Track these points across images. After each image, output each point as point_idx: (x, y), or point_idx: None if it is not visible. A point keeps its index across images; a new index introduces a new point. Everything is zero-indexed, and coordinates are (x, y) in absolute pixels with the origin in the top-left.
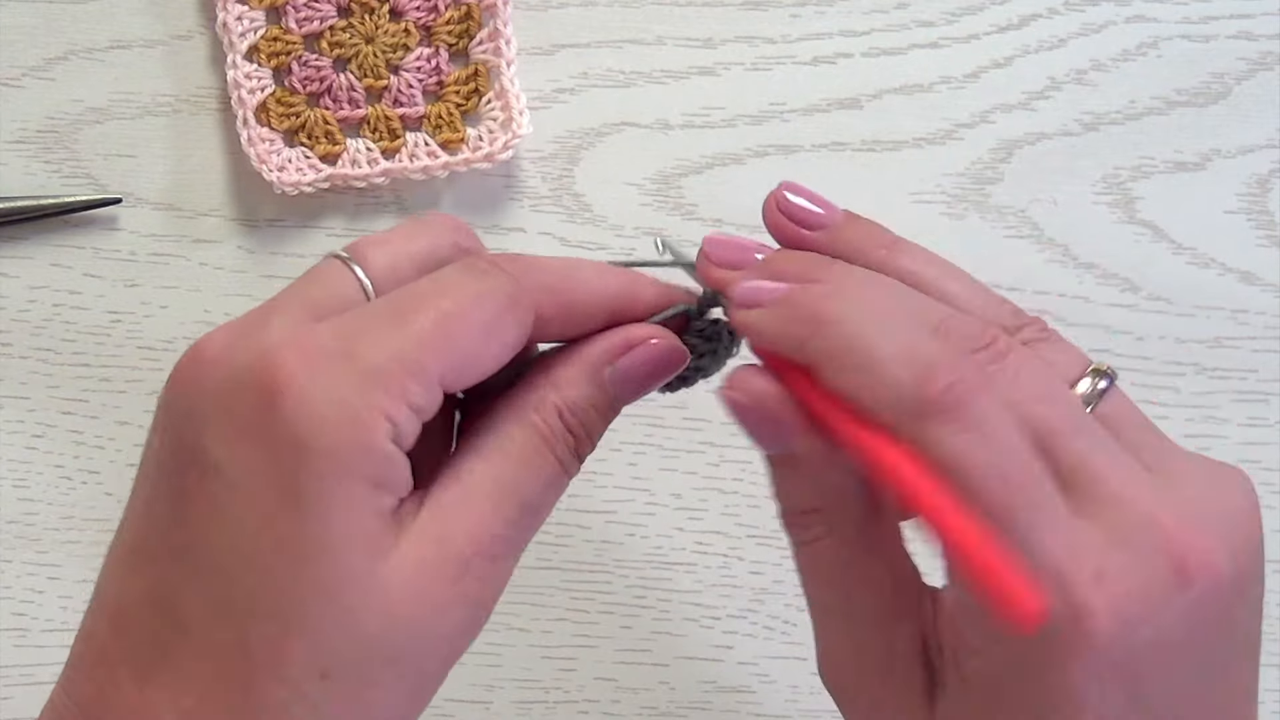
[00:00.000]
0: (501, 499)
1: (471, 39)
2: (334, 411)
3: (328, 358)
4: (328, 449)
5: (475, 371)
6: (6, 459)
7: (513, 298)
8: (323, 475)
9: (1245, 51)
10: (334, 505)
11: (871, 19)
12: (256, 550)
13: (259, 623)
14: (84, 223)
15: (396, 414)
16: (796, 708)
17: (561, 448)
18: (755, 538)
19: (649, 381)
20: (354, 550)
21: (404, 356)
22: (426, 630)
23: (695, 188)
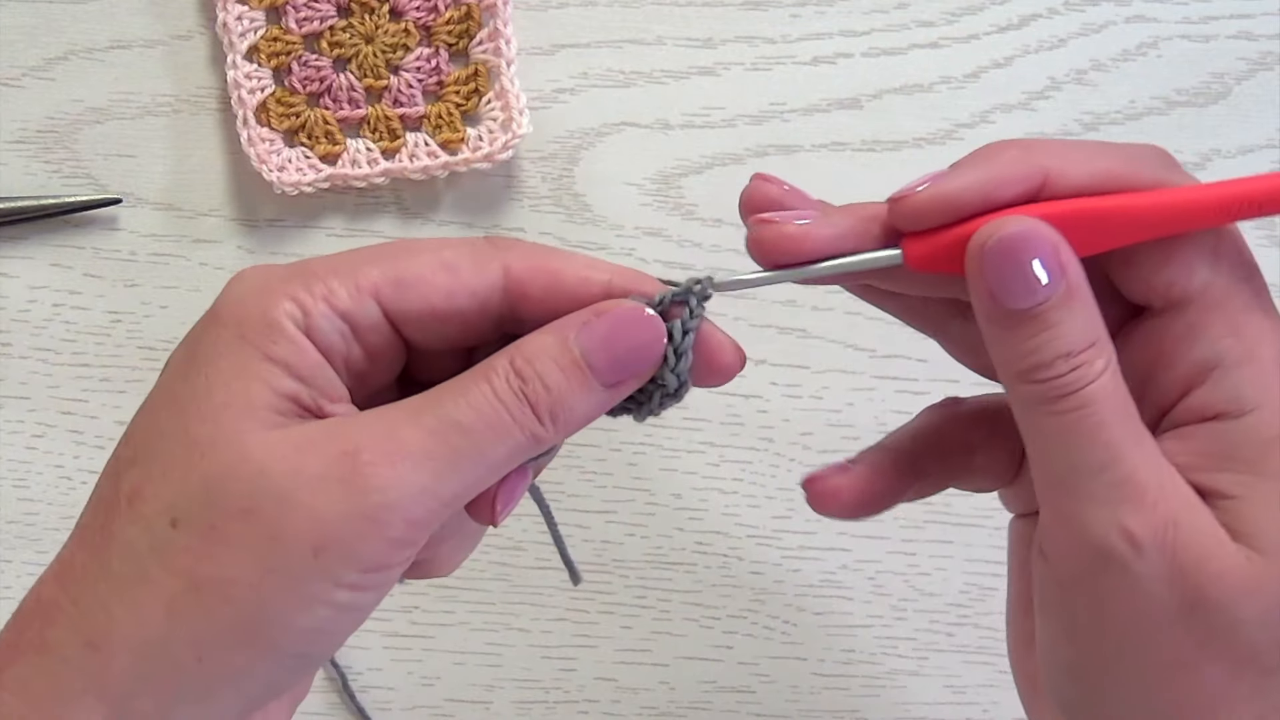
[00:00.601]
0: (423, 414)
1: (471, 39)
2: (249, 290)
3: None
4: (227, 316)
5: (420, 297)
6: (6, 459)
7: (477, 244)
8: (216, 337)
9: (1245, 51)
10: (216, 361)
11: (871, 19)
12: (149, 406)
13: (129, 467)
14: (84, 223)
15: (306, 301)
16: (796, 708)
17: (503, 386)
18: (755, 538)
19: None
20: (226, 404)
21: (337, 262)
22: (291, 498)
23: (695, 188)
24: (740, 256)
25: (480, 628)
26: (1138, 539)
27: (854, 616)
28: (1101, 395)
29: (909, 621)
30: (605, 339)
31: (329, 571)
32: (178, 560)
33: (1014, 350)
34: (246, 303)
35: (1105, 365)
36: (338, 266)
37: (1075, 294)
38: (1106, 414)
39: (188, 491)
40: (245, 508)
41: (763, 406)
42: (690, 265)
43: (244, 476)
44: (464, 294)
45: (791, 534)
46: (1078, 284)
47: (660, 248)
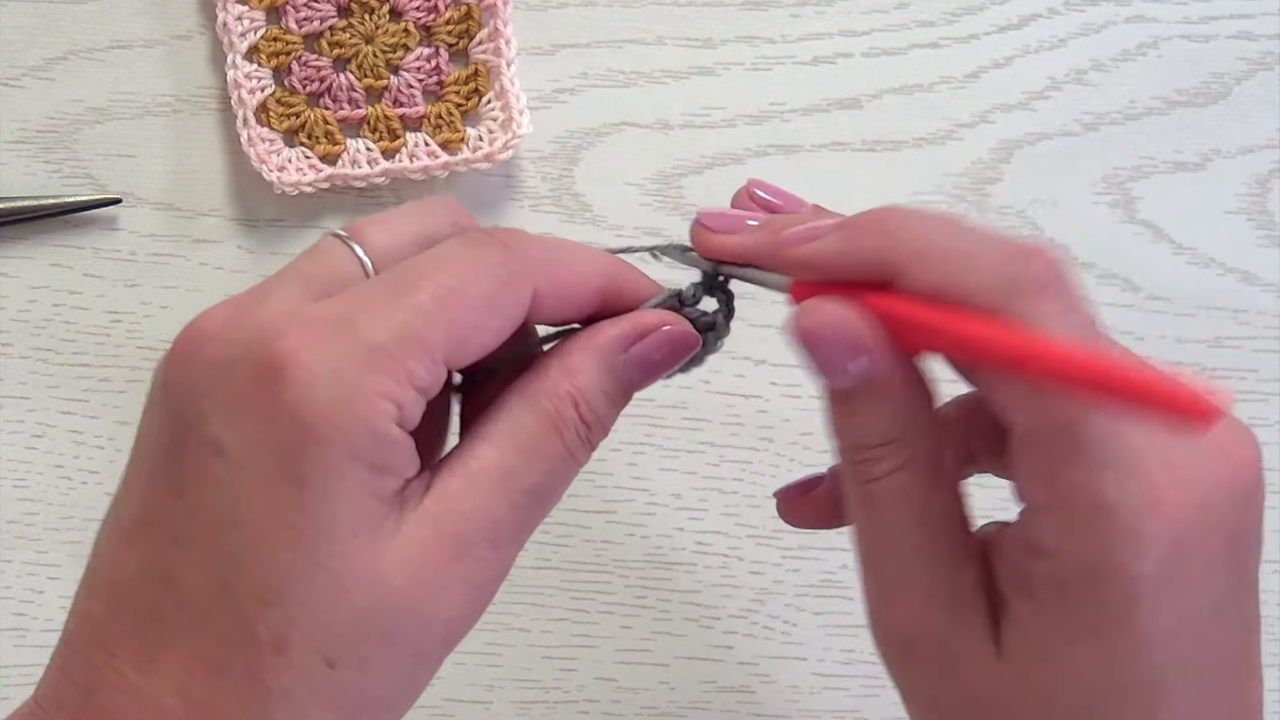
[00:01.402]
0: (508, 483)
1: (471, 39)
2: (337, 392)
3: (329, 334)
4: (330, 431)
5: (477, 346)
6: (6, 459)
7: (512, 270)
8: (325, 458)
9: (1245, 51)
10: (335, 489)
11: (871, 19)
12: (258, 532)
13: (262, 607)
14: (84, 223)
15: (400, 395)
16: (796, 708)
17: (572, 434)
18: (755, 538)
19: (662, 367)
20: (354, 534)
21: (406, 333)
22: (424, 611)
23: (695, 188)
24: None
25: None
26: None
27: (854, 616)
28: (881, 494)
29: None
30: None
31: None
32: (336, 698)
33: (829, 421)
34: (344, 414)
35: (894, 467)
36: (404, 338)
37: (874, 392)
38: (883, 513)
39: (340, 632)
40: (391, 635)
41: (763, 406)
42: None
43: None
44: (507, 326)
45: (791, 534)
46: (881, 383)
47: None
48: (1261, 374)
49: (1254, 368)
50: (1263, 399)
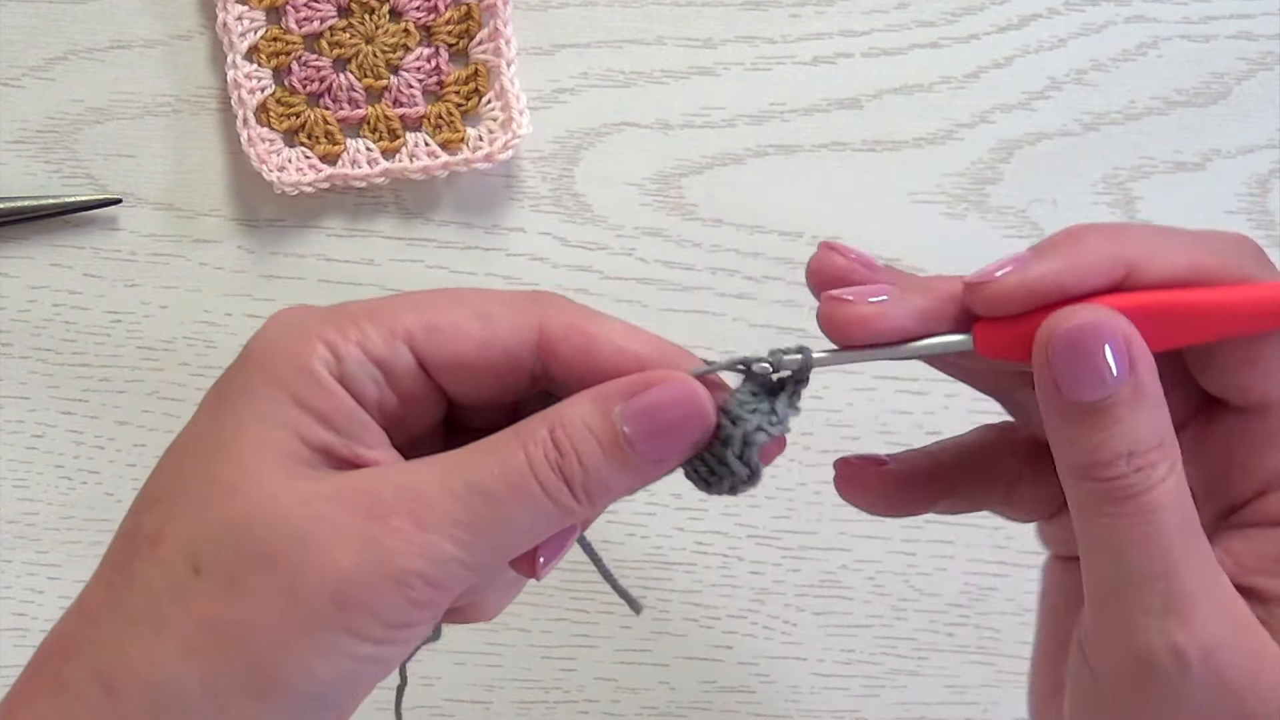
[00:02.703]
0: (449, 469)
1: (471, 39)
2: (282, 333)
3: (313, 309)
4: (259, 359)
5: (454, 345)
6: (6, 459)
7: (516, 297)
8: (245, 378)
9: (1245, 51)
10: (246, 405)
11: (871, 19)
12: (178, 446)
13: (151, 507)
14: (84, 223)
15: (339, 345)
16: (796, 708)
17: (537, 451)
18: (755, 538)
19: (666, 427)
20: (254, 451)
21: (373, 306)
22: (313, 548)
23: (695, 188)
24: (740, 257)
25: (480, 628)
26: (1186, 656)
27: (854, 616)
28: (1163, 501)
29: (909, 621)
30: (650, 413)
31: (349, 625)
32: (196, 605)
33: (1075, 445)
34: (279, 345)
35: (1169, 469)
36: (373, 311)
37: (1144, 392)
38: (1166, 522)
39: (210, 536)
40: (267, 555)
41: None
42: (690, 265)
43: (269, 524)
44: (497, 346)
45: (791, 534)
46: (1147, 382)
47: (660, 248)
48: None
49: None
50: None
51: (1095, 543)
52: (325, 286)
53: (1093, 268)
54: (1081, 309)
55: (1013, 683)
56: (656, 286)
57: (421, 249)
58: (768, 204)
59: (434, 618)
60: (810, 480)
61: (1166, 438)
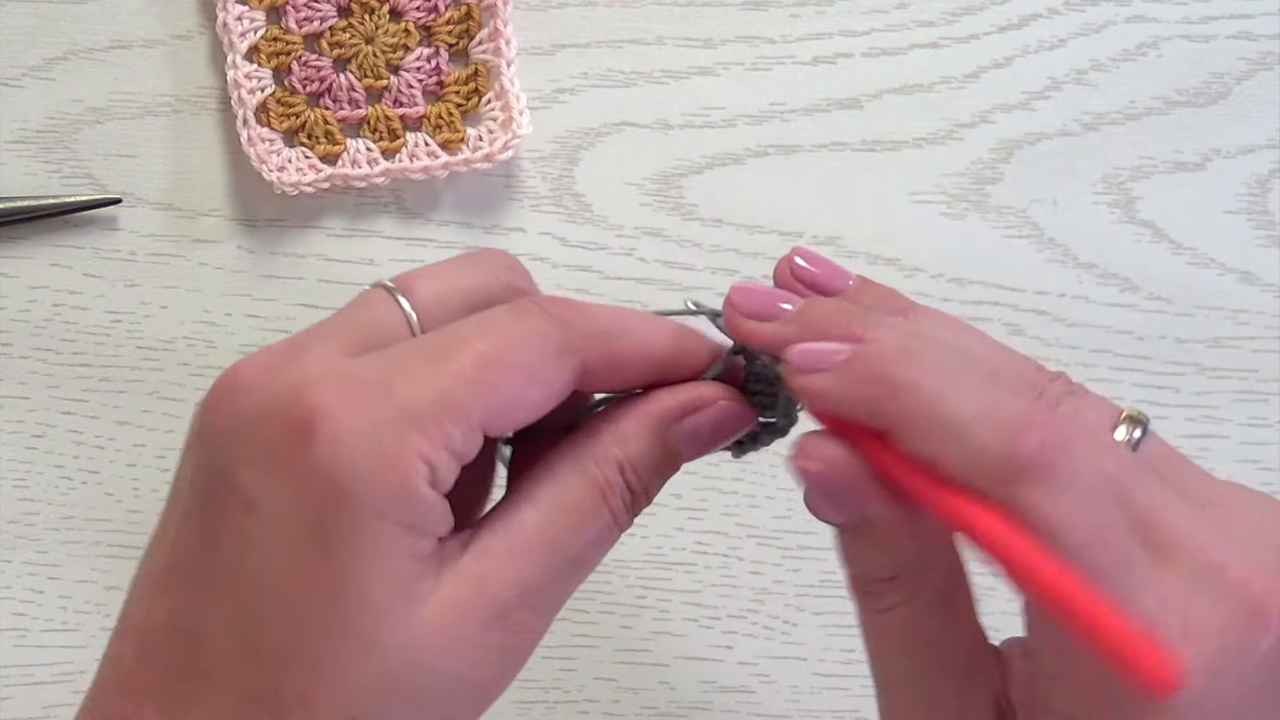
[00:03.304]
0: (550, 550)
1: (471, 39)
2: (369, 453)
3: (364, 394)
4: (361, 492)
5: (516, 417)
6: (6, 459)
7: (559, 344)
8: (356, 519)
9: (1245, 51)
10: (366, 550)
11: (871, 19)
12: (287, 592)
13: (288, 667)
14: (84, 223)
15: (434, 458)
16: (796, 708)
17: (617, 503)
18: (755, 538)
19: (714, 441)
20: (386, 595)
21: (443, 398)
22: (457, 676)
23: (695, 188)
24: (740, 257)
25: None
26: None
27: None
28: (887, 627)
29: None
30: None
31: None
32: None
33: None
34: (376, 475)
35: (898, 601)
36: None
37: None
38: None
39: (367, 693)
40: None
41: None
42: (690, 265)
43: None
44: (550, 399)
45: (791, 534)
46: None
47: (660, 248)
48: (1261, 374)
49: (1254, 368)
50: (1263, 399)
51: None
52: (325, 286)
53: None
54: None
55: None
56: (656, 286)
57: (421, 249)
58: (768, 204)
59: None
60: None
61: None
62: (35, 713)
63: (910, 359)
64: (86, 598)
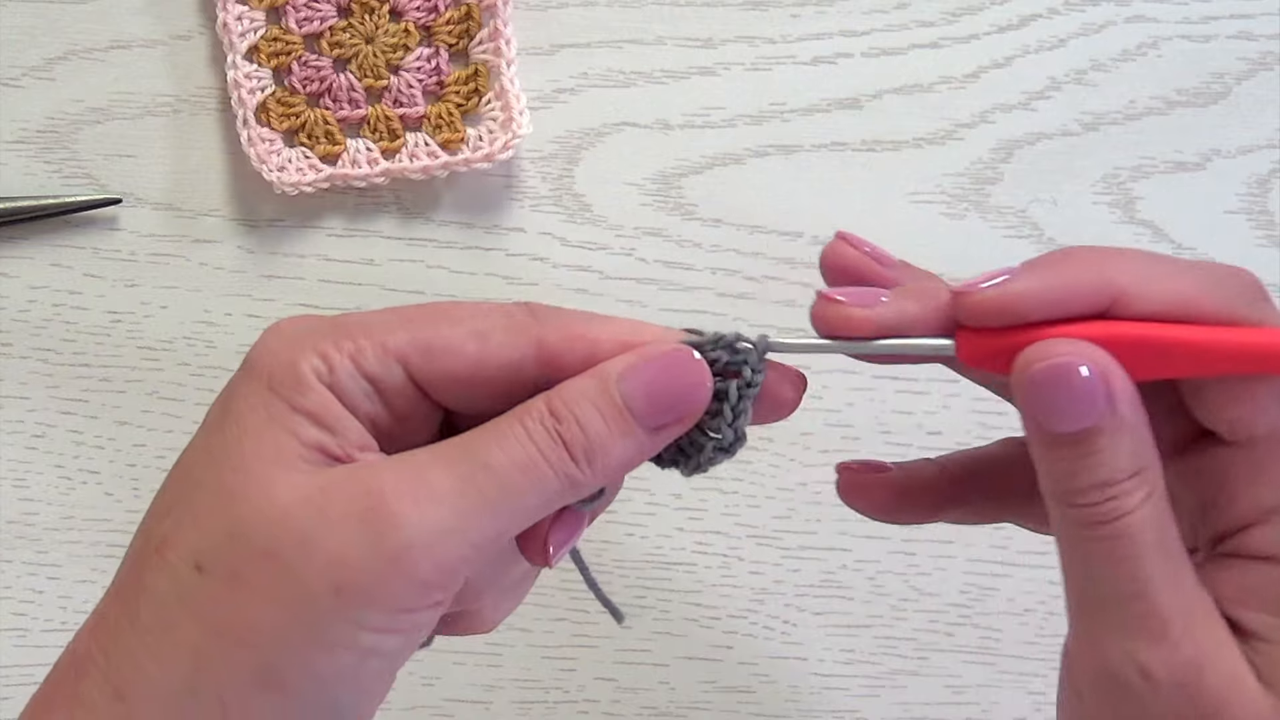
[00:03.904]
0: (447, 448)
1: (471, 39)
2: (279, 344)
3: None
4: (259, 369)
5: (449, 362)
6: (6, 459)
7: (512, 314)
8: (247, 388)
9: (1245, 51)
10: (250, 415)
11: (871, 19)
12: (185, 457)
13: (163, 518)
14: (84, 223)
15: (330, 353)
16: (796, 708)
17: (535, 423)
18: (755, 538)
19: (666, 393)
20: (254, 453)
21: (370, 320)
22: (311, 539)
23: (695, 188)
24: (740, 257)
25: None
26: (1154, 675)
27: (854, 616)
28: (1137, 527)
29: (909, 621)
30: (649, 381)
31: (351, 614)
32: (202, 607)
33: (1053, 472)
34: (276, 355)
35: (1145, 497)
36: (369, 326)
37: (1122, 424)
38: (1140, 546)
39: (213, 537)
40: (267, 550)
41: None
42: (690, 265)
43: (267, 519)
44: (493, 364)
45: (791, 534)
46: (1125, 414)
47: (660, 248)
48: None
49: None
50: None
51: (1072, 564)
52: (325, 286)
53: (1077, 293)
54: (1058, 344)
55: (1013, 683)
56: (656, 286)
57: (421, 249)
58: (768, 204)
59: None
60: (810, 480)
61: (1145, 465)
62: None
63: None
64: (86, 598)
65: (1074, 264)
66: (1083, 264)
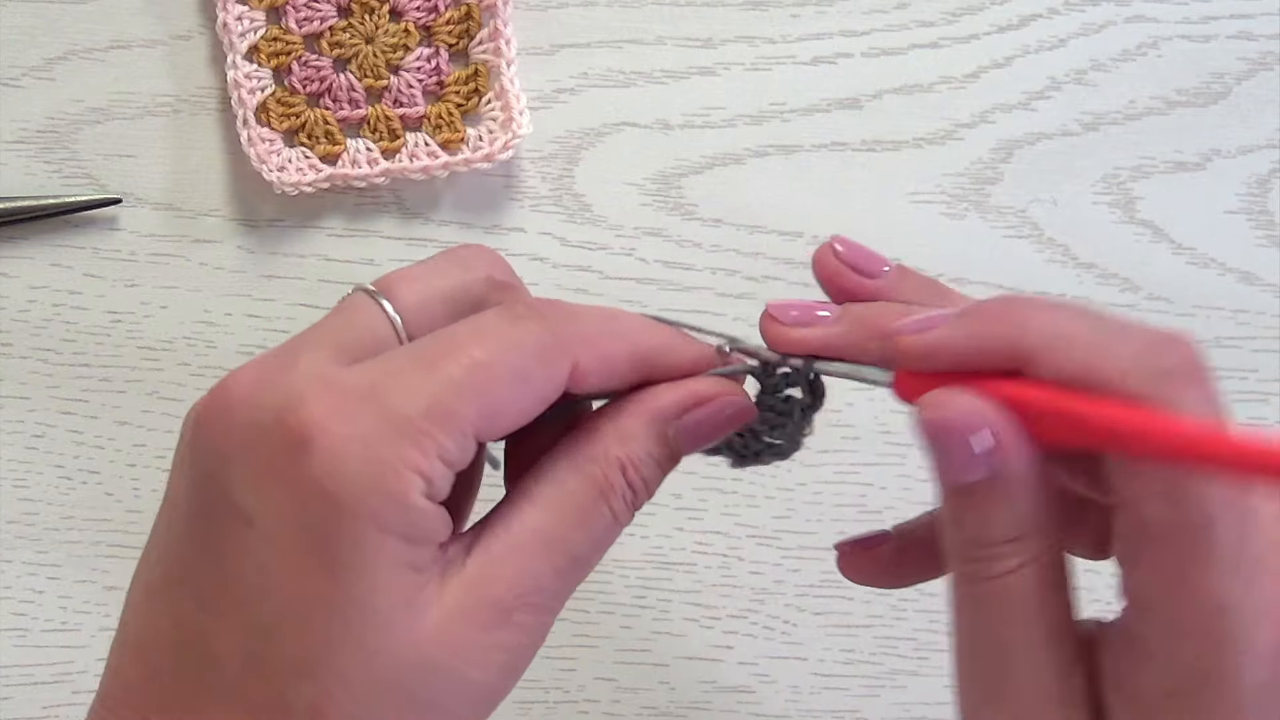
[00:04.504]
0: (552, 549)
1: (471, 39)
2: (364, 466)
3: (357, 405)
4: (359, 506)
5: (507, 421)
6: (6, 459)
7: (549, 347)
8: (355, 533)
9: (1245, 51)
10: (367, 563)
11: (871, 19)
12: (291, 605)
13: (295, 680)
14: (84, 223)
15: (429, 469)
16: (796, 708)
17: (618, 501)
18: (755, 538)
19: (713, 437)
20: (388, 605)
21: (435, 406)
22: (462, 680)
23: (695, 188)
24: (740, 257)
25: None
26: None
27: (854, 616)
28: (1000, 594)
29: (909, 621)
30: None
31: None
32: None
33: (945, 517)
34: (372, 488)
35: (1019, 565)
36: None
37: (998, 489)
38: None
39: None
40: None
41: None
42: (690, 265)
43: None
44: (540, 403)
45: (791, 534)
46: (1012, 476)
47: (660, 248)
48: (1261, 374)
49: (1254, 368)
50: (1263, 399)
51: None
52: (325, 286)
53: (992, 349)
54: (953, 396)
55: None
56: (656, 286)
57: (421, 249)
58: (768, 204)
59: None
60: (810, 480)
61: (1025, 534)
62: (35, 713)
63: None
64: (86, 598)
65: (993, 319)
66: (1002, 319)
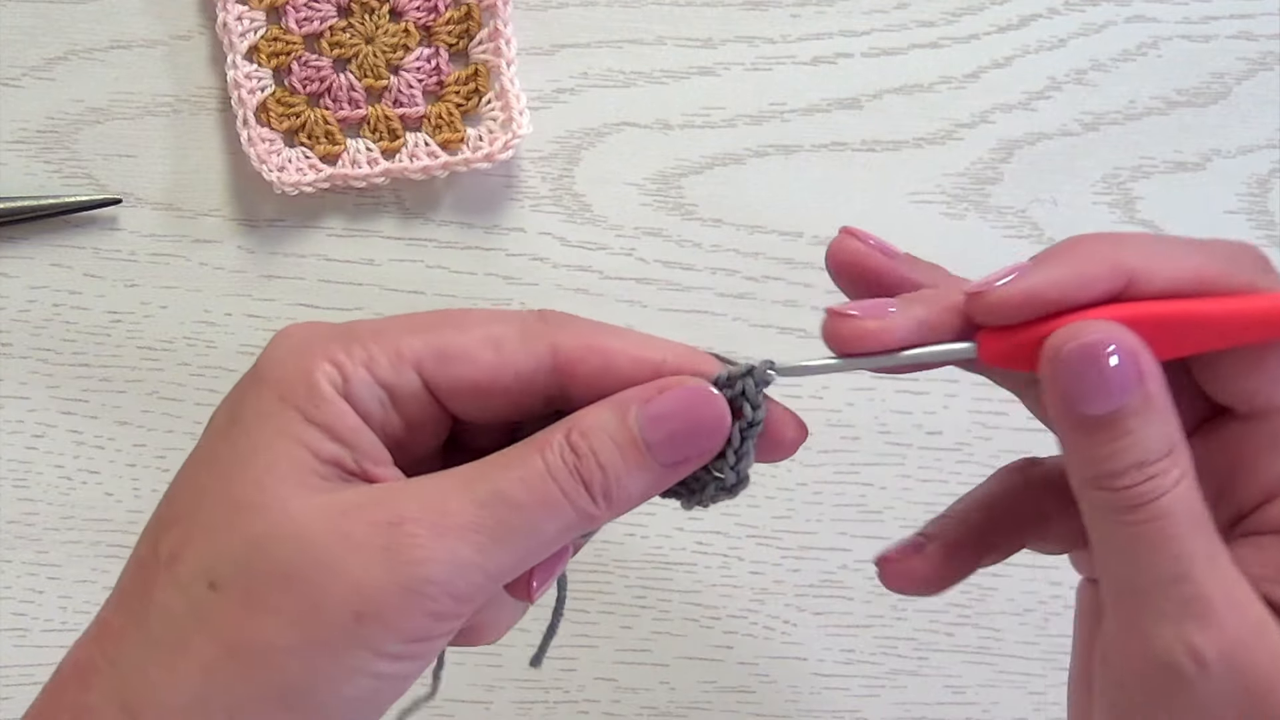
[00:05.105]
0: (471, 480)
1: (471, 39)
2: (290, 350)
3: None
4: (268, 374)
5: (463, 370)
6: (6, 459)
7: (531, 325)
8: (257, 397)
9: (1245, 51)
10: (260, 424)
11: (871, 19)
12: (191, 466)
13: (169, 528)
14: (84, 223)
15: (344, 363)
16: (796, 708)
17: (555, 457)
18: (755, 538)
19: (684, 431)
20: (267, 466)
21: (381, 331)
22: (330, 563)
23: (695, 188)
24: (740, 257)
25: None
26: (1204, 658)
27: (854, 616)
28: (1175, 507)
29: (909, 621)
30: (667, 417)
31: (370, 641)
32: (216, 624)
33: (1086, 456)
34: (287, 363)
35: (1180, 475)
36: (382, 332)
37: (1153, 402)
38: (1179, 526)
39: (228, 554)
40: (286, 572)
41: None
42: (690, 265)
43: (285, 540)
44: (509, 372)
45: (791, 534)
46: (1156, 392)
47: (660, 248)
48: None
49: None
50: None
51: (1110, 550)
52: (325, 286)
53: (1094, 277)
54: (1088, 325)
55: (1012, 683)
56: (656, 286)
57: (421, 249)
58: (768, 204)
59: (452, 631)
60: (810, 480)
61: (1176, 444)
62: None
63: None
64: (86, 598)
65: (1085, 251)
66: (1094, 250)
